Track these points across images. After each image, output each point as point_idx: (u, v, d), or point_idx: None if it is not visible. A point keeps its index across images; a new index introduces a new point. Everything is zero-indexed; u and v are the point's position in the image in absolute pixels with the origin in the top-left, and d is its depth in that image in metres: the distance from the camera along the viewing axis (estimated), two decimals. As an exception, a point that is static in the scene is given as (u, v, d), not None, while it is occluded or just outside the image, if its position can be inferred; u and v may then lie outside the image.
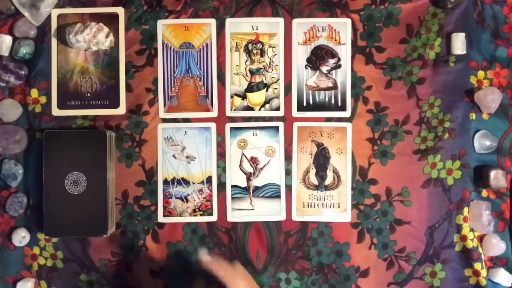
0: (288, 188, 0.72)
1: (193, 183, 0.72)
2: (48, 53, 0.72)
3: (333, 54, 0.72)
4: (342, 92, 0.72)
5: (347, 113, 0.72)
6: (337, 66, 0.72)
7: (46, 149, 0.68)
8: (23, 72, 0.71)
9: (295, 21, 0.72)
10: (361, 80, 0.72)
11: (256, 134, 0.72)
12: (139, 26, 0.72)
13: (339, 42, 0.72)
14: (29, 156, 0.71)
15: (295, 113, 0.72)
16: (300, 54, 0.73)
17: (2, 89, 0.72)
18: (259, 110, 0.72)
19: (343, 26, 0.72)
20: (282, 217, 0.72)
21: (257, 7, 0.72)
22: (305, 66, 0.72)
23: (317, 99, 0.72)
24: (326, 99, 0.72)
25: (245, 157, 0.72)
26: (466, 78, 0.71)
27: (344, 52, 0.72)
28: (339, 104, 0.72)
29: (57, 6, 0.72)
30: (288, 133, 0.72)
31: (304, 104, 0.72)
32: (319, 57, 0.72)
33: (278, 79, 0.72)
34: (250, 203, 0.72)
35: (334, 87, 0.72)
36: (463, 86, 0.71)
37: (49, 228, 0.68)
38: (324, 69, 0.72)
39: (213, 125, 0.72)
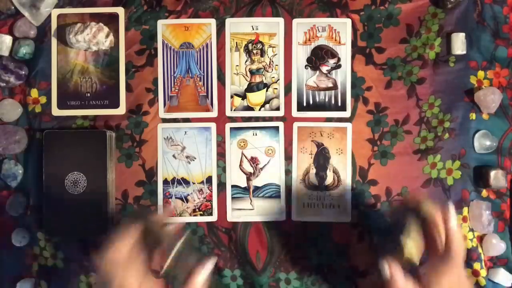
0: (288, 188, 0.72)
1: (193, 183, 0.72)
2: (48, 53, 0.72)
3: (333, 54, 0.72)
4: (342, 92, 0.72)
5: (347, 113, 0.72)
6: (337, 66, 0.72)
7: (46, 149, 0.68)
8: (23, 72, 0.71)
9: (295, 21, 0.72)
10: (361, 80, 0.72)
11: (256, 134, 0.72)
12: (139, 26, 0.72)
13: (339, 42, 0.72)
14: (29, 156, 0.71)
15: (295, 113, 0.72)
16: (300, 54, 0.73)
17: (2, 89, 0.72)
18: (259, 110, 0.72)
19: (343, 26, 0.72)
20: (282, 217, 0.72)
21: (257, 7, 0.72)
22: (305, 66, 0.72)
23: (317, 99, 0.72)
24: (326, 99, 0.72)
25: (245, 157, 0.72)
26: (466, 78, 0.71)
27: (344, 52, 0.72)
28: (339, 104, 0.72)
29: (57, 6, 0.72)
30: (288, 133, 0.72)
31: (304, 104, 0.72)
32: (319, 57, 0.72)
33: (278, 79, 0.72)
34: (250, 203, 0.72)
35: (334, 87, 0.72)
36: (463, 86, 0.71)
37: (49, 228, 0.68)
38: (324, 69, 0.72)
39: (213, 125, 0.72)
